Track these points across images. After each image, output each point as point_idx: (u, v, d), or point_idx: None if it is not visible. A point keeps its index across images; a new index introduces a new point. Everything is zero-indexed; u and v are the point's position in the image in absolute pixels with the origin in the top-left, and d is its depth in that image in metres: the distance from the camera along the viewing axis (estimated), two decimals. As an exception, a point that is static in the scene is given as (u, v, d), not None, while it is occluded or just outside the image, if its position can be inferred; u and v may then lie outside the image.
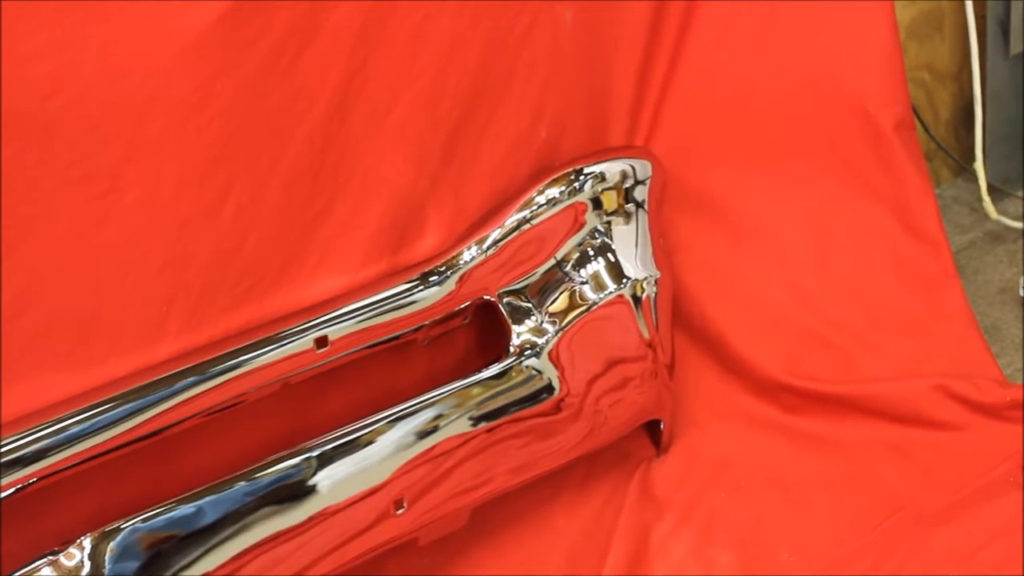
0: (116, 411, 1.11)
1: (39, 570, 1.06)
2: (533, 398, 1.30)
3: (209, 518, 1.12)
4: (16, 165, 1.08)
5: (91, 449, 1.10)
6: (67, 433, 1.09)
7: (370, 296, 1.24)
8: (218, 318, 1.19)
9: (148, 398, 1.12)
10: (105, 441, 1.11)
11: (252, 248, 1.20)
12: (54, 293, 1.11)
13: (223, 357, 1.15)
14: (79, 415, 1.10)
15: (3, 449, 1.06)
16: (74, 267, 1.12)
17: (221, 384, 1.15)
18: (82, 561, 1.07)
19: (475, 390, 1.28)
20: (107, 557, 1.07)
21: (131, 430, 1.12)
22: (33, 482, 1.08)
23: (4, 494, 1.06)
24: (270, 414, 1.23)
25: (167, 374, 1.14)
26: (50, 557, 1.07)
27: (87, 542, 1.07)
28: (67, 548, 1.07)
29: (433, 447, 1.24)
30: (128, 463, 1.14)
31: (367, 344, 1.24)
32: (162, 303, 1.16)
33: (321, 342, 1.19)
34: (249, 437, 1.22)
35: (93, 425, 1.10)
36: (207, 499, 1.13)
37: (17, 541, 1.10)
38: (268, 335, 1.18)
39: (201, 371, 1.15)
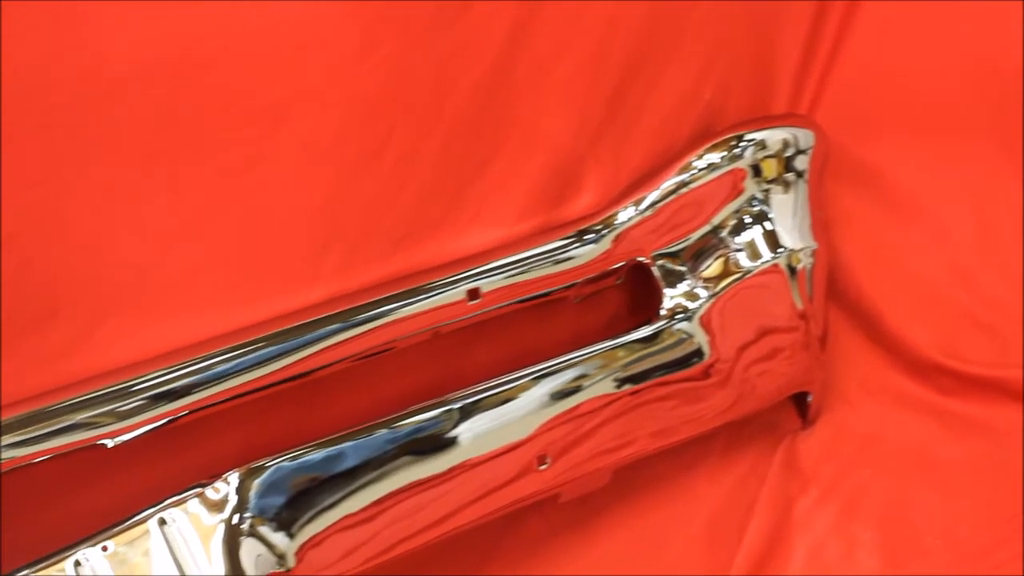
0: (266, 351, 1.13)
1: (188, 500, 1.08)
2: (682, 362, 1.29)
3: (351, 462, 1.14)
4: (175, 103, 1.08)
5: (241, 387, 1.12)
6: (218, 370, 1.11)
7: (525, 251, 1.23)
8: (372, 265, 1.20)
9: (298, 340, 1.14)
10: (254, 379, 1.13)
11: (410, 197, 1.20)
12: (210, 231, 1.13)
13: (375, 303, 1.16)
14: (230, 353, 1.12)
15: (157, 381, 1.08)
16: (233, 206, 1.13)
17: (372, 330, 1.16)
18: (228, 495, 1.09)
19: (623, 351, 1.27)
20: (252, 493, 1.09)
21: (280, 370, 1.13)
22: (184, 415, 1.10)
23: (156, 424, 1.08)
24: (417, 363, 1.24)
25: (318, 317, 1.15)
26: (198, 489, 1.09)
27: (233, 477, 1.09)
28: (214, 482, 1.09)
29: (577, 406, 1.24)
30: (276, 403, 1.15)
31: (518, 299, 1.24)
32: (318, 247, 1.17)
33: (473, 294, 1.20)
34: (395, 385, 1.23)
35: (243, 363, 1.12)
36: (350, 443, 1.14)
37: (168, 472, 1.12)
38: (421, 284, 1.18)
39: (352, 316, 1.16)
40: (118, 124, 1.08)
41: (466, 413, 1.19)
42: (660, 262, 1.30)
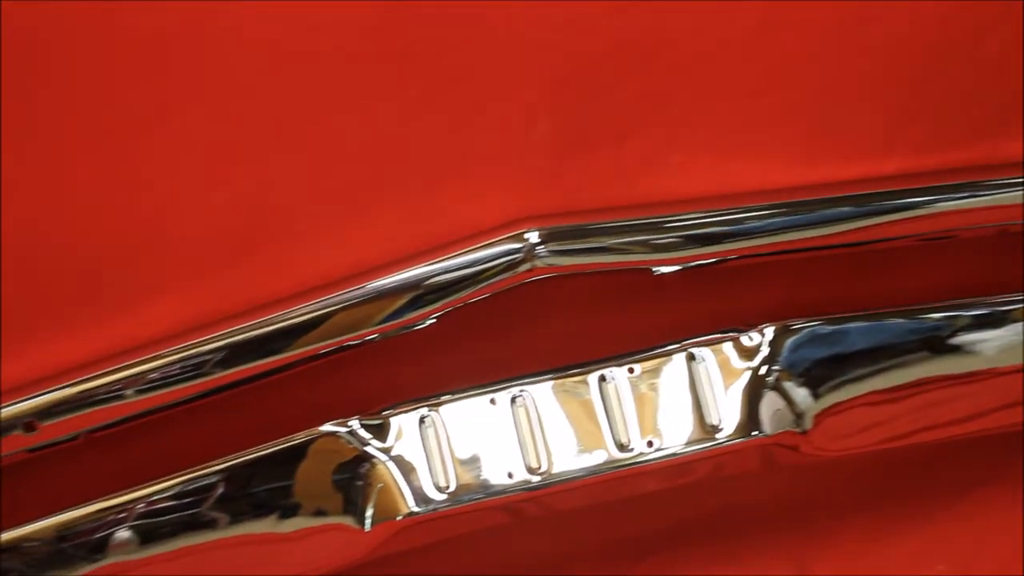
0: (827, 212, 1.12)
1: (721, 342, 1.09)
2: None
3: (886, 340, 1.13)
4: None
5: (790, 243, 1.12)
6: (770, 222, 1.11)
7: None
8: (946, 150, 1.14)
9: (856, 208, 1.11)
10: (806, 238, 1.13)
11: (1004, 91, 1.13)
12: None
13: (947, 188, 1.11)
14: (788, 207, 1.11)
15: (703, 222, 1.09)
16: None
17: (936, 214, 1.11)
18: (761, 345, 1.09)
19: None
20: (785, 348, 1.09)
21: (835, 235, 1.12)
22: (728, 259, 1.11)
23: (703, 262, 1.10)
24: (974, 259, 1.18)
25: (887, 190, 1.11)
26: (733, 333, 1.10)
27: (769, 330, 1.10)
28: (749, 331, 1.09)
29: None
30: (820, 266, 1.15)
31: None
32: (901, 121, 1.13)
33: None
34: (945, 275, 1.18)
35: (799, 220, 1.12)
36: (891, 322, 1.12)
37: (700, 311, 1.15)
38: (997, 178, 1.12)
39: (920, 195, 1.11)
40: None
41: (994, 321, 1.13)
42: None
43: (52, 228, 1.08)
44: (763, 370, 1.08)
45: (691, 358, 1.08)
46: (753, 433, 1.08)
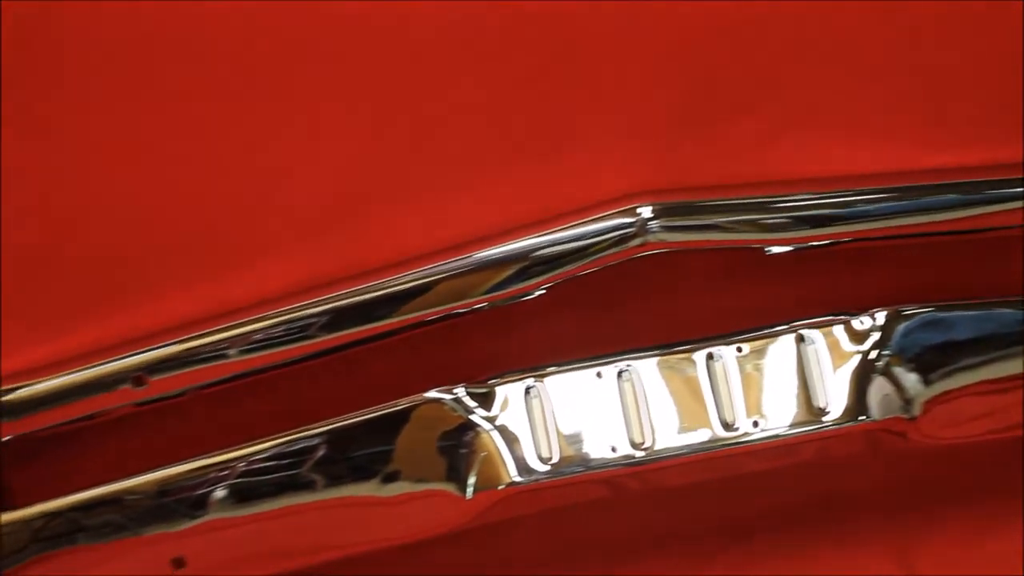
0: (935, 199, 1.11)
1: (831, 325, 1.08)
2: None
3: (1002, 330, 1.11)
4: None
5: (899, 228, 1.11)
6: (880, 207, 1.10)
7: None
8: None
9: (973, 196, 1.10)
10: (917, 224, 1.11)
11: None
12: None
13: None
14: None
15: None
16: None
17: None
18: (872, 329, 1.08)
19: None
20: (896, 334, 1.09)
21: (945, 222, 1.11)
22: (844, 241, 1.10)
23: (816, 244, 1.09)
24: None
25: (1001, 179, 1.11)
26: (844, 317, 1.09)
27: (880, 315, 1.09)
28: (861, 315, 1.08)
29: None
30: (929, 252, 1.14)
31: None
32: (1008, 111, 1.12)
33: None
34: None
35: (910, 206, 1.10)
36: (1002, 311, 1.10)
37: (809, 293, 1.14)
38: None
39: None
40: None
41: None
42: None
43: (174, 187, 1.10)
44: (873, 355, 1.07)
45: (800, 339, 1.08)
46: (860, 418, 1.07)
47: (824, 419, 1.06)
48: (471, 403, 1.06)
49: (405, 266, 1.07)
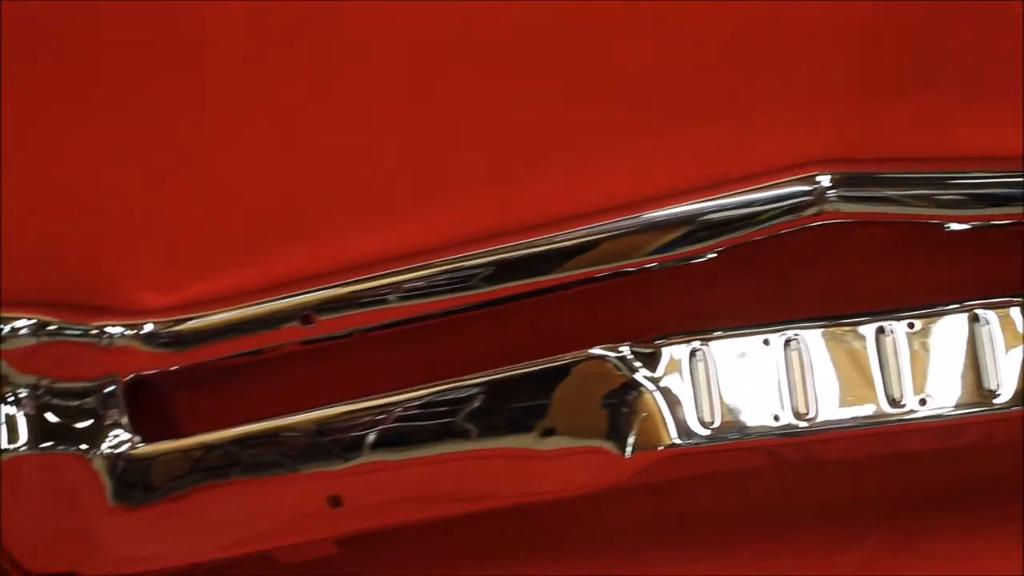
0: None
1: (1008, 306, 1.08)
2: None
3: None
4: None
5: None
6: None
7: None
8: None
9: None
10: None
11: None
12: None
13: None
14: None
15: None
16: None
17: None
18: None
19: None
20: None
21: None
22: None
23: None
24: None
25: None
26: (1021, 299, 1.08)
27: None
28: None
29: None
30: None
31: None
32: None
33: None
34: None
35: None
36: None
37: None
38: None
39: None
40: None
41: None
42: None
43: (351, 138, 1.12)
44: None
45: (974, 319, 1.06)
46: (1030, 402, 1.05)
47: (994, 401, 1.05)
48: (635, 362, 1.06)
49: (578, 221, 1.06)
